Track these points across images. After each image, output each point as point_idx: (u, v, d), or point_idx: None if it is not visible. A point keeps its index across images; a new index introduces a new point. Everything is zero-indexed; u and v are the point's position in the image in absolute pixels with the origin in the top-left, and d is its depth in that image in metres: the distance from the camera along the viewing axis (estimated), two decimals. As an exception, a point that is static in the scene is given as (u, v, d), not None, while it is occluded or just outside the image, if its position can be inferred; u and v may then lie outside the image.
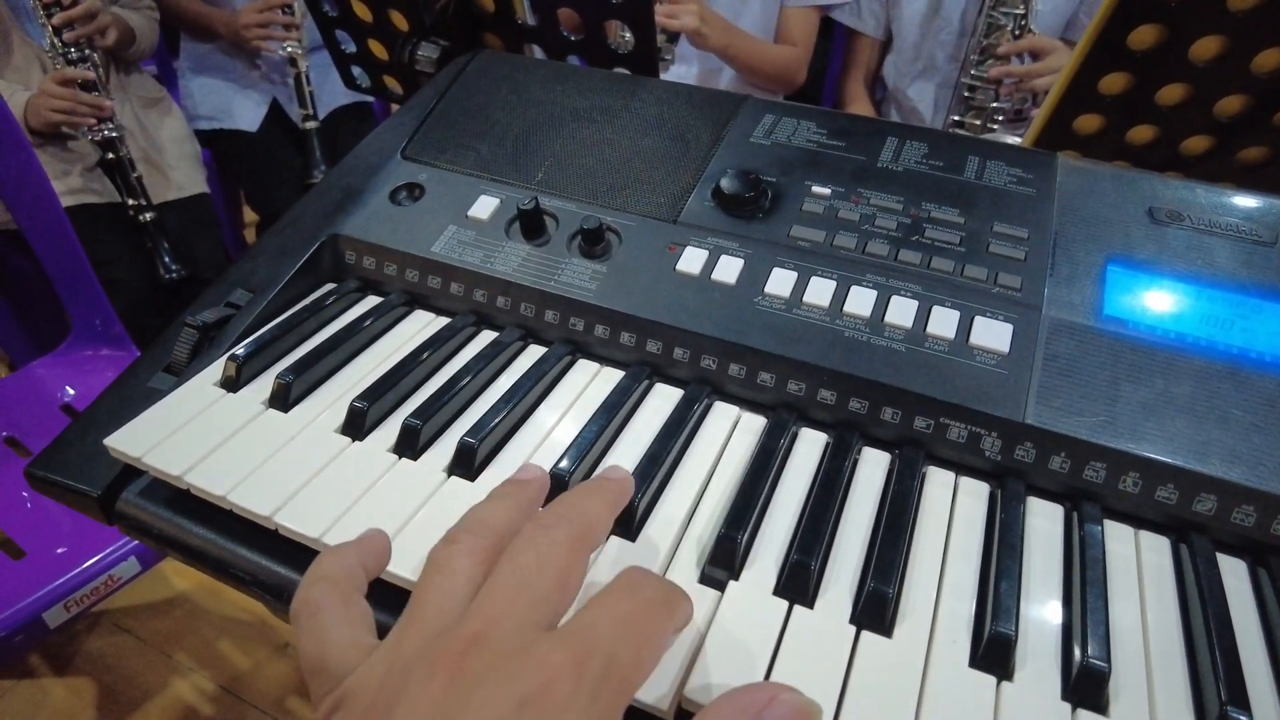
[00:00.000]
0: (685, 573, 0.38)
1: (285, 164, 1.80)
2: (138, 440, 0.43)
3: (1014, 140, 0.90)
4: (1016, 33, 1.23)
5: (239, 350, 0.48)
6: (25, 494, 1.06)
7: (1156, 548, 0.41)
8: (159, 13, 1.67)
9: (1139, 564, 0.40)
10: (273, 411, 0.46)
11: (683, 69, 1.52)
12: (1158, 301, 0.47)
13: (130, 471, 0.45)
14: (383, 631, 0.28)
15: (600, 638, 0.25)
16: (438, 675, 0.24)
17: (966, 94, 1.29)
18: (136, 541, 0.99)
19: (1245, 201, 0.51)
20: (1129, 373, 0.43)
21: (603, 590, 0.28)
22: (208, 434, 0.44)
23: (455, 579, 0.28)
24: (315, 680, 0.27)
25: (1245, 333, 0.45)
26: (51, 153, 1.45)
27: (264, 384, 0.48)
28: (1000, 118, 1.28)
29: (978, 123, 1.29)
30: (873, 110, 1.57)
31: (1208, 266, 0.48)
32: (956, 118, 1.32)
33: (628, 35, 0.75)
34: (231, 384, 0.48)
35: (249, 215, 2.11)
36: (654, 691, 0.32)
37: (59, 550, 0.98)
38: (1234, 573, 0.40)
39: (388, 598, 0.38)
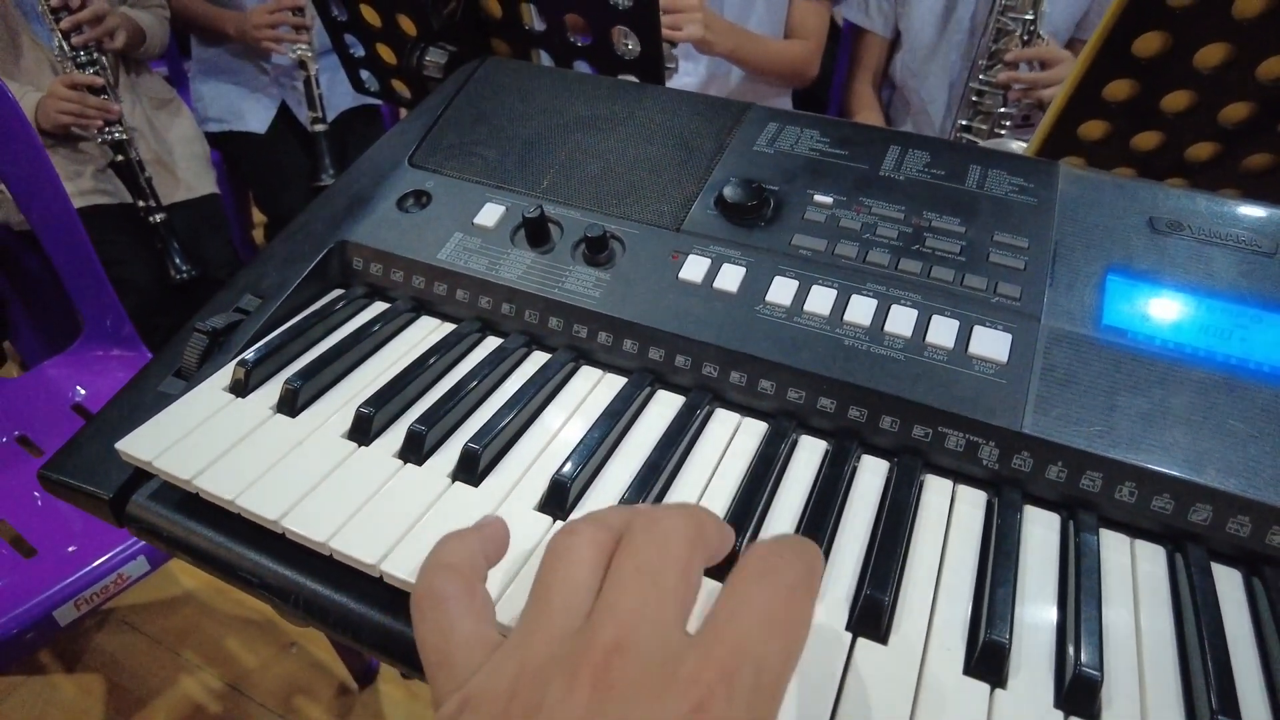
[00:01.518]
0: (685, 579, 0.38)
1: (294, 166, 1.81)
2: (148, 444, 0.44)
3: (1019, 146, 0.90)
4: (1025, 38, 1.23)
5: (248, 355, 0.49)
6: (37, 493, 1.07)
7: (1152, 557, 0.41)
8: (169, 12, 1.68)
9: (1134, 573, 0.41)
10: (281, 416, 0.47)
11: (690, 66, 1.52)
12: (1157, 311, 0.47)
13: (141, 475, 0.46)
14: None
15: (746, 642, 0.24)
16: (579, 687, 0.22)
17: (974, 99, 1.29)
18: (144, 542, 1.00)
19: (1246, 211, 0.51)
20: (1127, 383, 0.44)
21: (737, 577, 0.26)
22: (217, 438, 0.45)
23: (579, 569, 0.27)
24: (438, 675, 0.26)
25: (1244, 343, 0.45)
26: (63, 154, 1.47)
27: (272, 389, 0.48)
28: (1007, 123, 1.28)
29: (985, 128, 1.29)
30: (880, 111, 1.57)
31: (1207, 277, 0.48)
32: (964, 122, 1.32)
33: (630, 44, 0.76)
34: (240, 389, 0.48)
35: (257, 216, 2.13)
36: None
37: (69, 549, 0.99)
38: (1229, 582, 0.40)
39: (382, 596, 0.39)
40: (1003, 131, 1.29)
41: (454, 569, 0.29)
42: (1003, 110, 1.27)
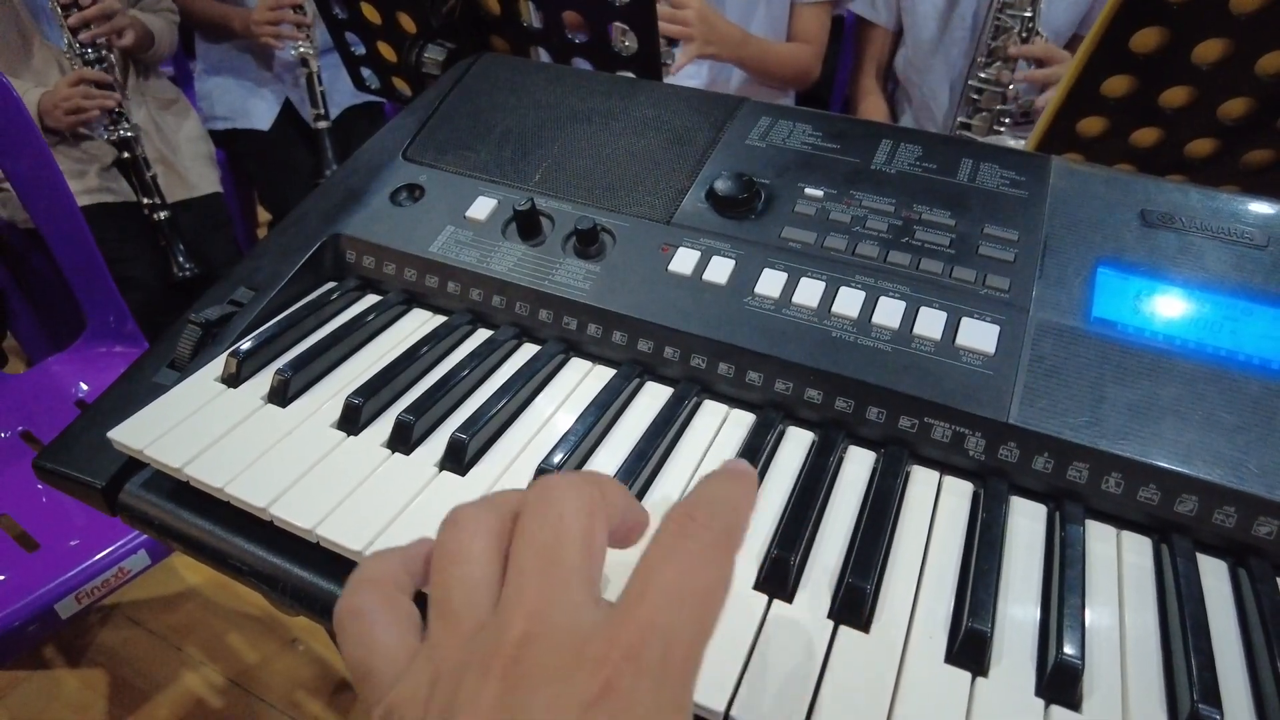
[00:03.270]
0: (668, 567, 0.39)
1: (298, 163, 1.82)
2: (140, 433, 0.45)
3: (1017, 144, 0.90)
4: (1024, 35, 1.22)
5: (240, 347, 0.49)
6: (40, 487, 1.08)
7: (1138, 548, 0.41)
8: (178, 16, 1.70)
9: (1119, 564, 0.40)
10: (271, 406, 0.47)
11: (691, 69, 1.52)
12: (1147, 304, 0.47)
13: (134, 464, 0.46)
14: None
15: (653, 617, 0.24)
16: (491, 680, 0.23)
17: (974, 96, 1.29)
18: (145, 536, 1.01)
19: (1238, 205, 0.51)
20: (1115, 374, 0.44)
21: (652, 547, 0.26)
22: (208, 428, 0.45)
23: (473, 566, 0.27)
24: (363, 687, 0.26)
25: (1233, 335, 0.45)
26: (69, 152, 1.48)
27: (264, 380, 0.49)
28: (1007, 120, 1.28)
29: (984, 125, 1.29)
30: (885, 104, 1.57)
31: (1198, 269, 0.48)
32: (963, 119, 1.32)
33: (628, 41, 0.76)
34: (233, 379, 0.49)
35: (263, 215, 2.14)
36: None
37: (71, 543, 1.00)
38: (1214, 573, 0.40)
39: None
40: (1001, 129, 1.29)
41: (374, 583, 0.29)
42: (1001, 107, 1.27)
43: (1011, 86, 1.23)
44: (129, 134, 1.46)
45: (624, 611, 0.24)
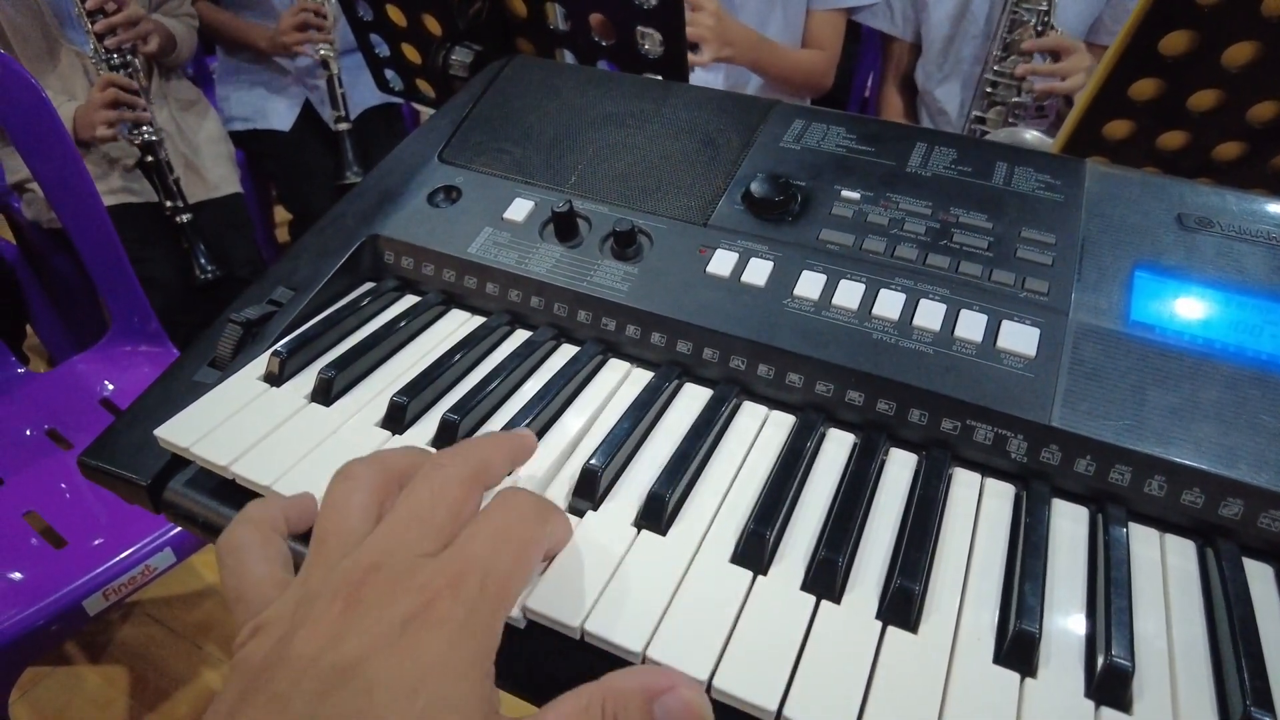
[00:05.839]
0: (715, 567, 0.39)
1: (317, 164, 1.83)
2: (186, 431, 0.45)
3: (1033, 135, 0.91)
4: (1039, 29, 1.23)
5: (281, 346, 0.50)
6: (64, 485, 1.09)
7: (1182, 551, 0.41)
8: (199, 20, 1.71)
9: (1164, 567, 0.40)
10: (315, 405, 0.48)
11: (709, 76, 1.52)
12: (1185, 307, 0.47)
13: (177, 462, 0.47)
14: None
15: (476, 554, 0.28)
16: (337, 602, 0.26)
17: (989, 90, 1.29)
18: (171, 534, 1.02)
19: (1276, 208, 0.51)
20: (1156, 377, 0.44)
21: (481, 510, 0.31)
22: (252, 426, 0.45)
23: (350, 516, 0.31)
24: (235, 610, 0.30)
25: (1275, 339, 0.45)
26: (92, 154, 1.49)
27: (306, 379, 0.49)
28: (1020, 113, 1.28)
29: (998, 118, 1.29)
30: (904, 115, 1.57)
31: (1237, 273, 0.48)
32: (978, 114, 1.32)
33: (648, 45, 0.76)
34: (275, 378, 0.49)
35: (280, 215, 2.15)
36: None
37: (97, 541, 1.00)
38: (1260, 577, 0.40)
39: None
40: (1015, 122, 1.29)
41: (253, 523, 0.33)
42: (1016, 100, 1.27)
43: (1029, 80, 1.24)
44: (153, 138, 1.47)
45: (455, 549, 0.28)
